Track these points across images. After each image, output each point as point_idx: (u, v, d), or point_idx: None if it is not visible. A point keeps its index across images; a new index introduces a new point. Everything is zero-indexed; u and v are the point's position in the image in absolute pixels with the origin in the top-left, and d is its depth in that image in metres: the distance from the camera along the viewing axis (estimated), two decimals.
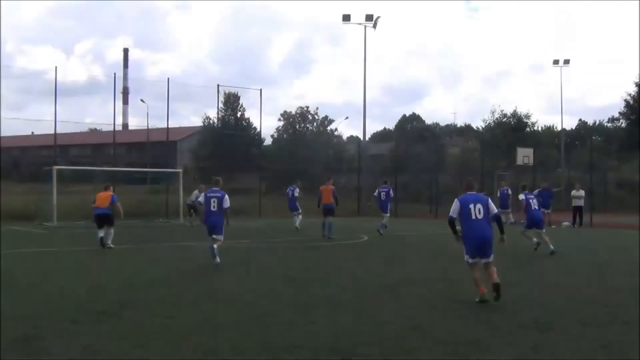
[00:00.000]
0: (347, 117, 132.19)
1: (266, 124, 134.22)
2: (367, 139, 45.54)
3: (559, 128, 75.05)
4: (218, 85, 37.99)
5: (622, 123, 70.39)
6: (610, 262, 15.85)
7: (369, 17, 42.84)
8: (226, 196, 14.25)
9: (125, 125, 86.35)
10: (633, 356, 6.62)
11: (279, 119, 67.99)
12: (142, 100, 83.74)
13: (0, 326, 6.92)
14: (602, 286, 11.82)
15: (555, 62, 65.98)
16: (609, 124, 75.23)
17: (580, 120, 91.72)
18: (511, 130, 62.29)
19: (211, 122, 62.20)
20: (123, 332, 7.48)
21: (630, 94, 67.68)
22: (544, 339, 7.40)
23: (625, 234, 25.76)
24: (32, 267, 13.64)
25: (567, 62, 66.04)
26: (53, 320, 8.10)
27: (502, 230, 10.21)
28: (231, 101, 64.95)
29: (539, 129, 77.77)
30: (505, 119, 66.49)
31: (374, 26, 43.33)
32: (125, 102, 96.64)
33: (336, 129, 69.14)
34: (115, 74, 33.23)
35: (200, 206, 14.79)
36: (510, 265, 15.11)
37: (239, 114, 66.19)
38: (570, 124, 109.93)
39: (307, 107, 67.64)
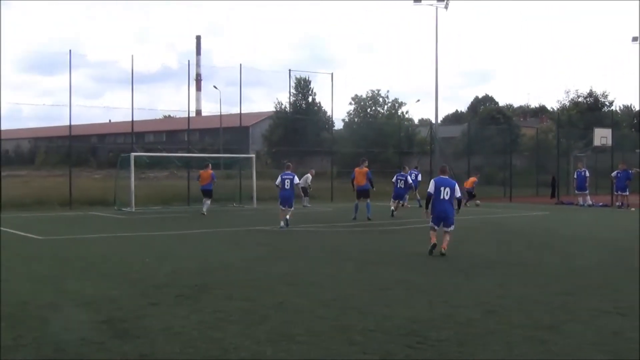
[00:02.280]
0: (418, 100, 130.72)
1: (337, 108, 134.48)
2: (439, 121, 45.02)
3: (638, 108, 72.78)
4: (290, 70, 38.29)
5: None
6: None
7: None
8: (295, 177, 19.71)
9: (198, 112, 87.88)
10: None
11: (350, 103, 67.99)
12: (214, 86, 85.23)
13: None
14: None
15: (634, 39, 63.88)
16: None
17: None
18: (588, 110, 60.68)
19: (283, 107, 62.64)
20: (200, 314, 7.64)
21: None
22: (625, 324, 7.23)
23: None
24: (112, 251, 14.03)
25: None
26: (134, 303, 8.33)
27: (459, 207, 14.53)
28: (302, 86, 65.24)
29: (617, 109, 75.62)
30: (581, 98, 64.82)
31: (446, 7, 42.76)
32: (198, 88, 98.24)
33: (407, 112, 68.65)
34: (189, 61, 33.66)
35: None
36: (588, 248, 14.83)
37: (310, 99, 66.48)
38: None
39: (378, 91, 67.41)
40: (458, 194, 13.36)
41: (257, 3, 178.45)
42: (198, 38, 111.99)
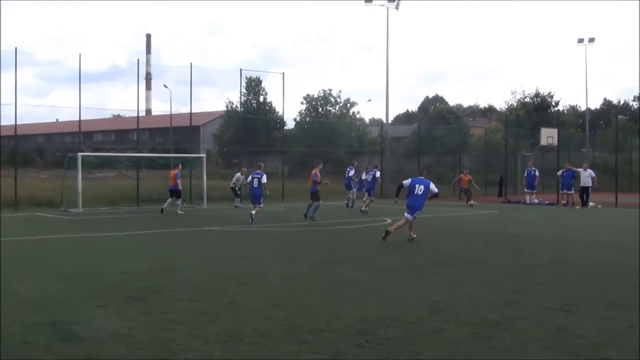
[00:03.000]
0: (369, 100, 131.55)
1: (289, 107, 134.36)
2: (389, 121, 45.34)
3: (583, 108, 74.39)
4: (241, 70, 38.09)
5: None
6: (636, 244, 15.72)
7: None
8: (264, 176, 21.04)
9: (148, 111, 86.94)
10: None
11: (302, 103, 68.09)
12: (165, 85, 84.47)
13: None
14: (629, 267, 11.73)
15: (580, 40, 65.25)
16: (634, 102, 74.38)
17: (605, 99, 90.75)
18: (535, 111, 61.78)
19: (234, 106, 62.43)
20: (149, 316, 7.55)
21: None
22: (568, 320, 7.38)
23: None
24: (58, 252, 13.80)
25: (591, 40, 65.29)
26: (81, 305, 8.20)
27: (435, 196, 16.13)
28: (253, 85, 65.13)
29: (563, 109, 77.11)
30: (528, 99, 65.96)
31: (397, 7, 43.06)
32: (148, 87, 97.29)
33: (359, 112, 69.05)
34: (138, 59, 33.28)
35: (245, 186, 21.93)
36: (535, 246, 15.11)
37: (261, 98, 66.41)
38: (594, 103, 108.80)
39: (330, 90, 67.64)
40: (435, 190, 15.76)
41: (208, 3, 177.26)
42: (148, 37, 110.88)
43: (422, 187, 15.60)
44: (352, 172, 29.34)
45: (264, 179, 20.91)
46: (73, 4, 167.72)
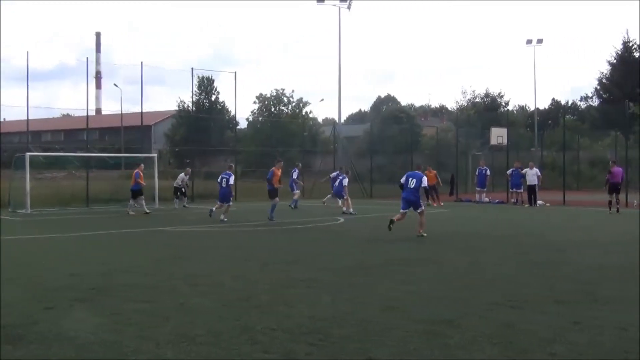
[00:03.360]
0: (322, 99, 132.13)
1: (241, 107, 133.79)
2: (342, 121, 45.50)
3: (532, 108, 75.62)
4: (192, 69, 37.79)
5: (594, 101, 71.12)
6: (584, 240, 16.06)
7: None
8: (232, 177, 22.02)
9: (98, 110, 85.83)
10: (605, 332, 6.74)
11: (254, 102, 67.90)
12: (115, 84, 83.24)
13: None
14: (576, 264, 11.98)
15: (529, 41, 66.34)
16: (582, 102, 75.91)
17: (553, 99, 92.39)
18: (485, 110, 62.67)
19: (185, 106, 61.95)
20: (98, 318, 7.45)
21: (603, 73, 68.30)
22: (517, 316, 7.50)
23: (597, 212, 26.08)
24: (5, 255, 13.51)
25: (540, 41, 66.45)
26: (28, 307, 8.03)
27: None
28: (205, 85, 64.75)
29: (513, 109, 78.29)
30: (478, 99, 66.86)
31: (349, 7, 43.27)
32: (98, 86, 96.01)
33: (311, 111, 69.13)
34: (87, 58, 32.83)
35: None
36: (485, 244, 15.33)
37: (213, 98, 66.06)
38: (543, 103, 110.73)
39: (283, 90, 67.58)
40: (424, 183, 16.54)
41: (161, 2, 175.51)
42: (98, 35, 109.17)
43: (414, 180, 16.33)
44: (295, 174, 29.13)
45: (232, 180, 21.97)
46: (18, 3, 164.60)
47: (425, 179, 16.55)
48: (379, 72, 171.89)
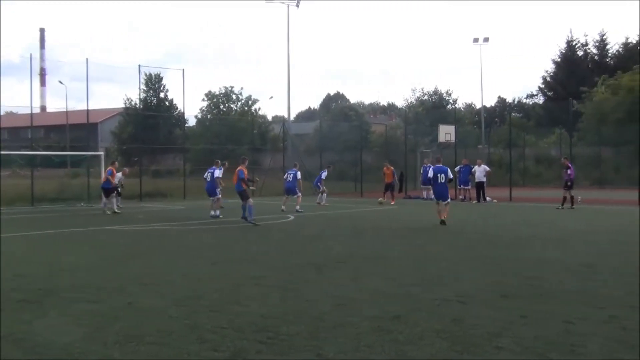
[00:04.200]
0: (271, 97, 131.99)
1: (190, 104, 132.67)
2: (291, 118, 45.48)
3: (479, 106, 76.77)
4: (139, 66, 37.14)
5: (539, 99, 72.52)
6: (530, 236, 16.36)
7: None
8: (217, 170, 22.82)
9: (43, 108, 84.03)
10: (550, 325, 6.90)
11: (203, 99, 67.41)
12: (60, 81, 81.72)
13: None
14: (522, 259, 12.21)
15: (475, 40, 67.26)
16: (528, 100, 77.33)
17: (499, 97, 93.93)
18: (433, 108, 63.38)
19: (133, 103, 61.18)
20: (45, 319, 7.34)
21: (547, 71, 69.67)
22: (465, 311, 7.62)
23: (543, 208, 26.62)
24: None
25: (486, 40, 67.43)
26: None
27: (450, 181, 18.89)
28: (153, 82, 64.04)
29: (460, 106, 79.36)
30: (427, 97, 67.60)
31: (297, 5, 43.28)
32: (43, 83, 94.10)
33: (260, 109, 68.96)
34: (31, 54, 32.17)
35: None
36: (434, 240, 15.51)
37: (161, 95, 65.36)
38: (490, 101, 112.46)
39: (232, 87, 67.24)
40: (450, 176, 18.92)
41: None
42: (42, 31, 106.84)
43: (443, 175, 18.61)
44: (216, 173, 28.45)
45: (216, 173, 22.86)
46: None
47: (449, 171, 18.87)
48: (329, 69, 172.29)
